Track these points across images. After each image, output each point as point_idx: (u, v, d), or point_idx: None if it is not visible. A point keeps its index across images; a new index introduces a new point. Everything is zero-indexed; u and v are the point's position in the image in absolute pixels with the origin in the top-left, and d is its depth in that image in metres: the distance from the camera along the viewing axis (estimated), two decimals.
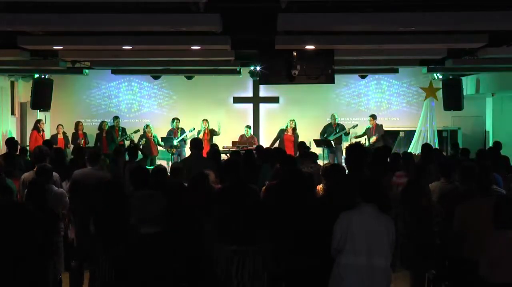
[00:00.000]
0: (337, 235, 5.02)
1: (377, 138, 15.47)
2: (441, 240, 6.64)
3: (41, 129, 15.60)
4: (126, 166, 9.57)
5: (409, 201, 7.24)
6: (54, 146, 14.73)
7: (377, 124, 16.01)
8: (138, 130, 16.07)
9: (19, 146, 13.24)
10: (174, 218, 5.35)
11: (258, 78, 14.03)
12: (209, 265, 5.51)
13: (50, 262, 6.15)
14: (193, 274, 5.29)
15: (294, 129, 15.82)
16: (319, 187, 7.70)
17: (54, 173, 7.58)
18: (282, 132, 15.94)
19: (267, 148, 12.00)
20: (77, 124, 16.09)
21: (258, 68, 13.24)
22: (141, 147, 15.63)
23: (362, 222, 4.98)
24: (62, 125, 15.91)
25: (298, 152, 12.18)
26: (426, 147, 10.24)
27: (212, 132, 15.89)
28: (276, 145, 15.52)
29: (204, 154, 10.09)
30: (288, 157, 8.58)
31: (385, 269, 5.01)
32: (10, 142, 10.18)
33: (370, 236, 4.95)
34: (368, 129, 15.99)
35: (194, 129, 15.77)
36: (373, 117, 16.11)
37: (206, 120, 15.98)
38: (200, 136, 15.63)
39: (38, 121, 15.77)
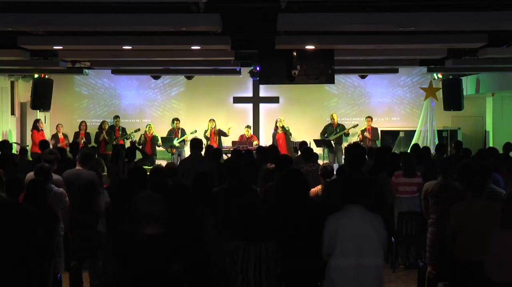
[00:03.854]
0: (326, 238, 5.00)
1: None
2: (437, 242, 6.65)
3: (40, 128, 15.62)
4: (125, 166, 9.57)
5: None
6: (59, 145, 14.87)
7: (372, 127, 16.04)
8: (139, 129, 16.08)
9: (18, 147, 13.32)
10: (176, 218, 5.34)
11: (258, 78, 14.03)
12: (211, 264, 5.51)
13: (50, 262, 6.15)
14: (193, 274, 5.28)
15: (283, 127, 15.82)
16: (318, 187, 7.71)
17: (56, 176, 7.59)
18: (274, 133, 15.99)
19: (266, 148, 12.00)
20: (81, 123, 16.14)
21: (258, 68, 13.25)
22: (141, 147, 15.67)
23: (350, 224, 4.95)
24: (61, 124, 15.93)
25: (299, 152, 12.20)
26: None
27: (221, 133, 15.85)
28: None
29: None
30: (283, 157, 8.56)
31: (376, 269, 4.98)
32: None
33: (359, 237, 4.92)
34: (363, 131, 16.01)
35: (196, 131, 15.76)
36: (370, 118, 16.15)
37: (213, 120, 15.94)
38: (207, 134, 15.63)
39: (37, 121, 15.79)
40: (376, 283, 5.00)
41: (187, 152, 14.46)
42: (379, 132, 16.27)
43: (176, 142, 15.66)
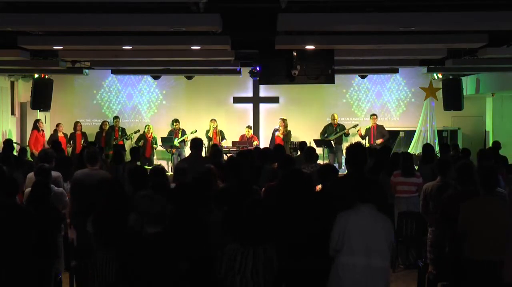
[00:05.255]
0: (335, 235, 5.02)
1: (384, 140, 15.43)
2: (438, 241, 6.64)
3: (40, 128, 15.60)
4: (126, 166, 9.55)
5: None
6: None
7: (377, 125, 15.98)
8: (139, 131, 16.08)
9: (18, 146, 13.32)
10: (178, 218, 5.35)
11: (258, 78, 14.02)
12: (212, 264, 5.52)
13: (51, 262, 6.15)
14: (195, 274, 5.29)
15: (285, 127, 15.79)
16: (318, 187, 7.70)
17: (56, 173, 7.59)
18: (274, 132, 15.95)
19: (265, 148, 11.99)
20: (76, 124, 16.07)
21: (258, 68, 13.25)
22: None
23: (360, 222, 4.98)
24: (61, 124, 15.91)
25: (299, 152, 12.19)
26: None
27: (222, 134, 15.82)
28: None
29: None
30: (286, 157, 8.57)
31: (383, 269, 5.00)
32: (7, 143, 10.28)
33: (368, 236, 4.95)
34: (368, 129, 15.97)
35: (196, 131, 15.75)
36: (375, 116, 16.08)
37: (214, 120, 15.89)
38: (210, 134, 15.58)
39: (37, 121, 15.77)
40: (383, 284, 5.01)
41: (187, 152, 14.46)
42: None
43: (176, 142, 15.66)
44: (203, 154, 10.22)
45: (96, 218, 5.74)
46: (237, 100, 17.47)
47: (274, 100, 17.37)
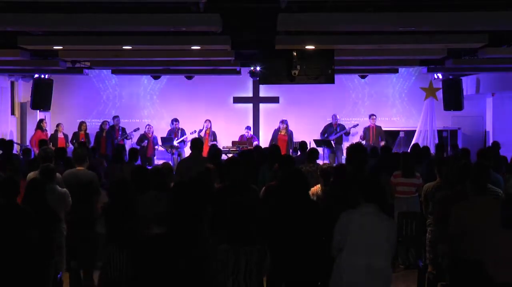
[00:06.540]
0: (337, 235, 5.02)
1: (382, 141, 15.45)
2: (437, 242, 6.65)
3: (44, 128, 15.60)
4: (124, 167, 9.54)
5: None
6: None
7: (376, 125, 15.99)
8: (138, 129, 16.08)
9: (19, 146, 13.31)
10: (176, 218, 5.35)
11: (258, 78, 14.03)
12: (208, 264, 5.51)
13: (49, 263, 6.15)
14: (194, 274, 5.29)
15: (287, 129, 15.80)
16: (317, 187, 7.71)
17: (58, 173, 7.60)
18: (276, 133, 15.95)
19: (265, 148, 12.00)
20: (81, 124, 16.08)
21: (258, 68, 13.25)
22: (141, 147, 15.67)
23: (362, 222, 4.98)
24: (62, 124, 15.91)
25: (299, 152, 12.20)
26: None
27: (214, 135, 15.83)
28: None
29: (204, 154, 10.07)
30: (286, 157, 8.57)
31: (384, 270, 5.00)
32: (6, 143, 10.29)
33: (370, 236, 4.95)
34: (367, 129, 15.98)
35: (195, 131, 15.76)
36: (374, 116, 16.08)
37: (209, 120, 15.92)
38: (202, 134, 15.60)
39: (41, 121, 15.76)
40: (384, 284, 5.01)
41: (187, 152, 14.46)
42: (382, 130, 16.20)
43: (175, 142, 15.66)
44: None
45: (107, 218, 5.73)
46: (237, 100, 17.47)
47: (274, 100, 17.37)
